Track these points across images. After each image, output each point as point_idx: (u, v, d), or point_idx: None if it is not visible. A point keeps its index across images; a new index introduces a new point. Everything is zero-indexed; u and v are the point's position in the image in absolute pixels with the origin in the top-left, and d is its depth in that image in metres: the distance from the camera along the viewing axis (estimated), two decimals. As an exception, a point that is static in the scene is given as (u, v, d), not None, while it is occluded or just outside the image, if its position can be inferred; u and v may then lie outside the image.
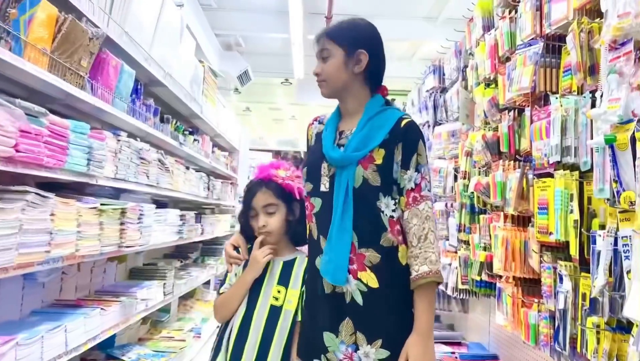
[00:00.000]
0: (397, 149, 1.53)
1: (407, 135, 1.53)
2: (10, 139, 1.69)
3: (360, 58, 1.58)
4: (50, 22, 1.99)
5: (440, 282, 1.50)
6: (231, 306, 1.71)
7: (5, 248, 1.70)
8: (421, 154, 1.53)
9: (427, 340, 1.46)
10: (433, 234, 1.50)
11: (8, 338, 1.85)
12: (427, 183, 1.53)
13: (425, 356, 1.44)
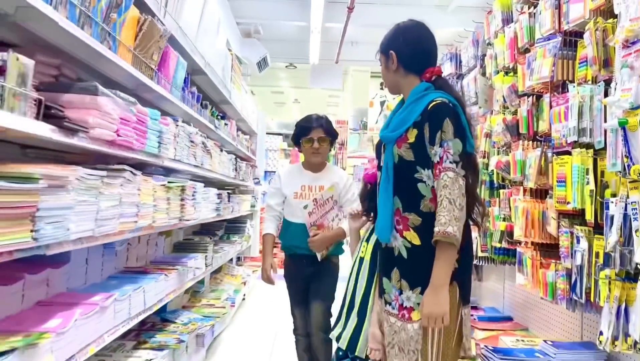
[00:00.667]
0: (425, 128, 1.81)
1: (432, 116, 1.79)
2: (114, 125, 2.00)
3: (392, 56, 1.90)
4: (134, 23, 2.28)
5: (451, 242, 1.68)
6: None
7: (110, 217, 2.01)
8: (445, 130, 1.76)
9: (438, 289, 1.71)
10: (447, 200, 1.71)
11: (109, 294, 2.19)
12: (449, 155, 1.74)
13: (435, 304, 1.70)
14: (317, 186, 2.84)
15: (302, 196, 2.83)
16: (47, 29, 1.72)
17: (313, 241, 2.73)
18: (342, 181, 2.88)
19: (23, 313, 1.91)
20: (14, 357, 1.46)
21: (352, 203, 2.77)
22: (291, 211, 2.86)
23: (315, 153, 2.84)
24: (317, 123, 2.85)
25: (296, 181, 2.87)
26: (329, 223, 2.79)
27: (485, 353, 2.50)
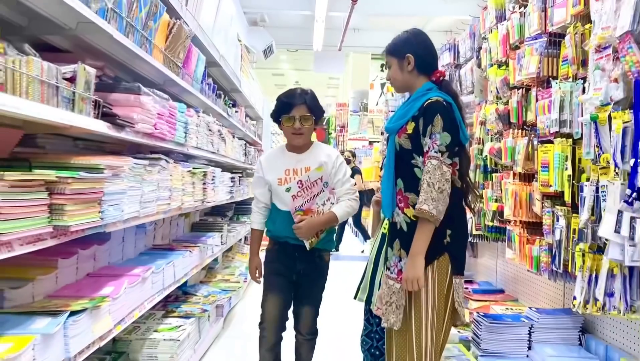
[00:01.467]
0: (420, 122, 2.11)
1: (426, 112, 2.07)
2: (152, 120, 2.29)
3: (409, 61, 2.17)
4: (165, 27, 2.56)
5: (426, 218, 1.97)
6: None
7: (150, 200, 2.32)
8: (435, 125, 2.04)
9: (414, 258, 2.02)
10: (426, 183, 2.01)
11: (147, 267, 2.51)
12: (435, 145, 2.03)
13: (411, 269, 2.02)
14: (303, 168, 2.51)
15: (286, 181, 2.50)
16: (102, 39, 2.00)
17: (298, 228, 2.43)
18: (330, 160, 2.54)
19: (78, 282, 2.22)
20: (85, 315, 1.77)
21: (344, 183, 2.55)
22: (278, 198, 2.54)
23: (296, 134, 2.50)
24: (300, 99, 2.47)
25: (279, 165, 2.54)
26: (319, 208, 2.48)
27: (477, 319, 2.82)
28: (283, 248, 2.55)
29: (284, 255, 2.55)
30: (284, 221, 2.50)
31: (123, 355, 2.63)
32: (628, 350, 2.38)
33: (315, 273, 2.58)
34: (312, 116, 2.50)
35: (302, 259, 2.53)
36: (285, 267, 2.55)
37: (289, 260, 2.54)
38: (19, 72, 1.37)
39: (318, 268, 2.59)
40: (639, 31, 1.91)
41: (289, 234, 2.47)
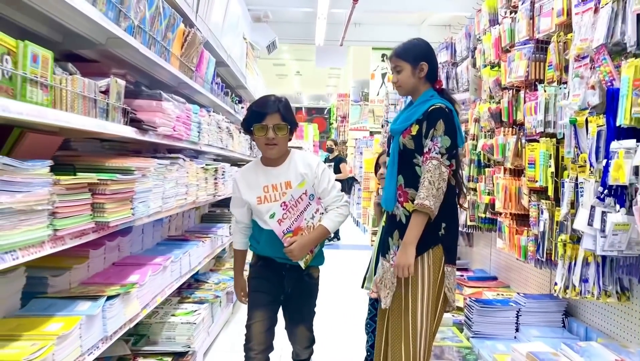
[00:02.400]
0: (423, 125, 2.34)
1: (430, 116, 2.29)
2: (172, 123, 2.51)
3: (423, 68, 2.37)
4: (181, 36, 2.77)
5: (424, 212, 2.19)
6: None
7: (171, 196, 2.54)
8: (437, 129, 2.26)
9: (407, 246, 2.22)
10: (428, 181, 2.23)
11: (167, 257, 2.74)
12: (436, 147, 2.25)
13: (403, 257, 2.22)
14: (283, 183, 2.30)
15: (267, 199, 2.28)
16: (128, 52, 2.22)
17: (290, 251, 2.25)
18: (311, 169, 2.33)
19: (106, 270, 2.46)
20: (119, 300, 2.01)
21: (331, 192, 2.36)
22: (261, 217, 2.32)
23: (270, 145, 2.24)
24: (273, 107, 2.23)
25: (256, 182, 2.31)
26: (308, 223, 2.30)
27: (469, 303, 3.06)
28: (269, 263, 2.35)
29: (270, 271, 2.36)
30: (269, 240, 2.30)
31: (144, 337, 2.87)
32: (605, 331, 2.61)
33: (305, 293, 2.42)
34: (286, 124, 2.24)
35: (290, 277, 2.36)
36: (272, 284, 2.35)
37: (275, 277, 2.36)
38: (66, 89, 1.59)
39: (308, 288, 2.42)
40: (612, 44, 2.12)
41: (276, 253, 2.31)
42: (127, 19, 2.02)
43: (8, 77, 1.30)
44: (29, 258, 1.35)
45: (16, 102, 1.29)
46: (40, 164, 1.39)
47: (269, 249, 2.32)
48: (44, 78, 1.45)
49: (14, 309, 1.78)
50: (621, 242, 2.02)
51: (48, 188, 1.41)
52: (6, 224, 1.24)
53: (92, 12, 1.73)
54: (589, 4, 2.27)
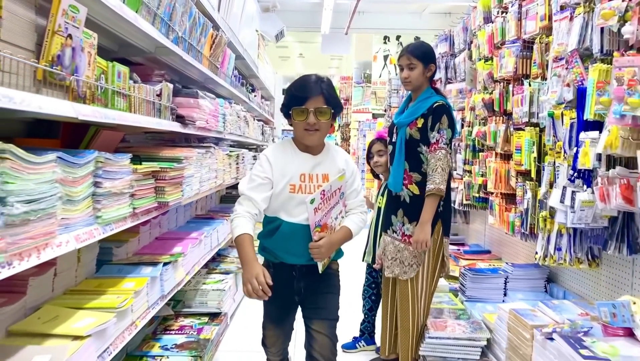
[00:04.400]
0: (429, 119, 2.73)
1: (435, 112, 2.71)
2: (205, 116, 2.90)
3: (431, 69, 2.77)
4: (210, 39, 3.14)
5: (439, 195, 2.64)
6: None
7: (205, 180, 2.94)
8: (442, 122, 2.69)
9: (424, 224, 2.64)
10: (440, 168, 2.67)
11: (201, 232, 3.16)
12: (443, 139, 2.69)
13: (421, 233, 2.64)
14: (320, 175, 2.04)
15: (301, 189, 2.00)
16: (172, 58, 2.60)
17: (318, 247, 1.96)
18: (349, 167, 2.13)
19: (151, 244, 2.88)
20: (170, 266, 2.43)
21: (359, 194, 2.18)
22: (284, 207, 2.01)
23: (310, 131, 1.99)
24: (316, 89, 1.97)
25: (293, 168, 2.02)
26: (332, 222, 2.07)
27: (463, 272, 3.48)
28: (279, 270, 2.07)
29: (280, 277, 2.03)
30: (288, 233, 2.00)
31: (180, 302, 3.30)
32: (580, 293, 3.03)
33: (324, 285, 2.12)
34: (329, 108, 1.98)
35: (301, 276, 2.09)
36: (284, 289, 2.07)
37: (286, 281, 2.08)
38: (137, 97, 1.99)
39: (326, 279, 2.12)
40: (583, 49, 2.49)
41: (292, 249, 2.02)
42: (173, 31, 2.40)
43: (102, 91, 1.70)
44: (118, 230, 1.76)
45: (111, 110, 1.69)
46: (125, 156, 1.79)
47: (284, 246, 2.02)
48: (124, 89, 1.85)
49: (92, 272, 2.21)
50: (587, 216, 2.42)
51: (130, 176, 1.82)
52: (108, 203, 1.65)
53: (151, 30, 2.12)
54: (566, 12, 2.64)
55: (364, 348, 3.35)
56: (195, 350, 2.56)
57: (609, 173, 2.22)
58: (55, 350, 1.41)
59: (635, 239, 2.37)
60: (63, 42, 1.36)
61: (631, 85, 2.01)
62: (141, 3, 1.95)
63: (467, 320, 3.02)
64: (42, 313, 1.70)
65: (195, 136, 3.34)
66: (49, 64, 1.32)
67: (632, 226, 2.39)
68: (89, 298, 1.87)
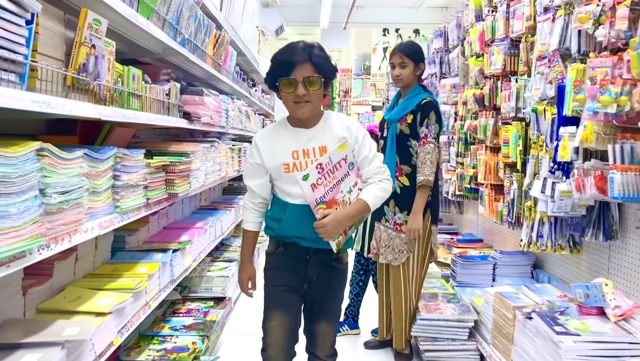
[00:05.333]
0: (418, 115, 2.92)
1: (424, 108, 2.90)
2: (210, 113, 3.08)
3: (421, 67, 2.95)
4: (213, 38, 3.31)
5: (429, 186, 2.84)
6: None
7: (210, 173, 3.12)
8: (430, 118, 2.89)
9: (417, 214, 2.85)
10: (429, 161, 2.87)
11: (206, 222, 3.34)
12: (432, 133, 2.89)
13: (413, 222, 2.85)
14: (317, 147, 1.88)
15: (297, 167, 1.86)
16: (178, 58, 2.77)
17: (323, 225, 1.80)
18: (351, 133, 1.92)
19: (160, 233, 3.06)
20: (179, 253, 2.62)
21: (372, 161, 1.94)
22: (285, 189, 1.90)
23: (299, 103, 1.82)
24: (303, 55, 1.78)
25: (282, 147, 1.89)
26: (344, 197, 1.88)
27: (454, 259, 3.67)
28: (291, 250, 1.94)
29: (293, 260, 1.94)
30: (295, 216, 1.87)
31: (187, 288, 3.49)
32: (563, 278, 3.22)
33: (334, 280, 2.00)
34: (320, 77, 1.80)
35: (315, 264, 1.95)
36: (295, 275, 1.95)
37: (299, 266, 1.95)
38: (148, 96, 2.16)
39: (336, 274, 2.01)
40: (564, 49, 2.66)
41: (302, 233, 1.89)
42: (180, 34, 2.57)
43: (119, 92, 1.88)
44: (134, 219, 1.95)
45: (127, 110, 1.87)
46: (139, 152, 1.97)
47: (293, 227, 1.89)
48: (137, 90, 2.02)
49: (107, 258, 2.39)
50: (566, 205, 2.61)
51: (144, 169, 2.00)
52: (125, 194, 1.83)
53: (161, 34, 2.29)
54: (548, 14, 2.81)
55: (348, 332, 3.55)
56: (202, 331, 2.75)
57: (584, 165, 2.40)
58: (83, 324, 1.60)
59: (611, 227, 2.56)
60: (88, 52, 1.54)
61: (603, 84, 2.18)
62: (152, 10, 2.12)
63: (457, 303, 3.22)
64: (66, 294, 1.89)
65: (200, 131, 3.51)
66: (76, 72, 1.50)
67: (608, 214, 2.58)
68: (107, 281, 2.06)
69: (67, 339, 1.48)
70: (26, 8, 1.22)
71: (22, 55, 1.22)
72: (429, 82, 5.46)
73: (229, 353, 3.10)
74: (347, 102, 17.17)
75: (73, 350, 1.51)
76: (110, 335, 1.75)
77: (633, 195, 2.10)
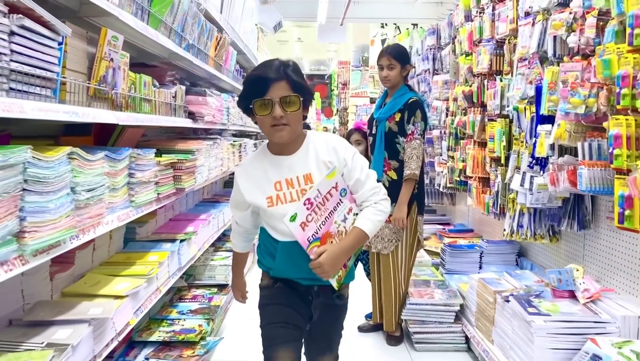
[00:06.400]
0: (405, 113, 3.13)
1: (410, 107, 3.12)
2: (212, 112, 3.28)
3: (407, 69, 3.15)
4: (215, 41, 3.50)
5: (415, 179, 3.08)
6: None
7: (213, 168, 3.33)
8: (417, 116, 3.11)
9: (401, 205, 3.06)
10: (415, 156, 3.10)
11: (209, 214, 3.56)
12: (418, 130, 3.11)
13: (398, 212, 3.06)
14: (302, 176, 1.70)
15: (280, 200, 1.69)
16: (185, 63, 2.97)
17: (319, 265, 1.64)
18: (338, 155, 1.73)
19: (166, 224, 3.28)
20: (186, 242, 2.83)
21: (366, 182, 1.76)
22: (272, 224, 1.74)
23: (277, 126, 1.64)
24: (277, 74, 1.63)
25: (263, 179, 1.72)
26: (339, 227, 1.71)
27: (444, 248, 3.89)
28: (292, 287, 1.80)
29: (292, 295, 1.79)
30: (288, 257, 1.72)
31: (191, 276, 3.71)
32: (545, 265, 3.44)
33: (334, 317, 1.89)
34: (298, 96, 1.64)
35: (317, 304, 1.82)
36: (296, 312, 1.79)
37: (299, 304, 1.80)
38: (157, 100, 2.37)
39: (337, 311, 1.88)
40: (542, 52, 2.86)
41: (301, 273, 1.73)
42: (185, 40, 2.77)
43: (132, 98, 2.08)
44: (146, 212, 2.16)
45: (140, 114, 2.07)
46: (150, 151, 2.18)
47: (290, 268, 1.74)
48: (148, 95, 2.23)
49: (120, 248, 2.61)
50: (543, 198, 2.82)
51: (155, 167, 2.21)
52: (139, 190, 2.04)
53: (168, 42, 2.49)
54: (529, 19, 3.00)
55: None
56: (207, 314, 2.97)
57: (558, 161, 2.61)
58: (104, 305, 1.82)
59: (584, 217, 2.77)
60: (107, 65, 1.74)
61: (573, 87, 2.38)
62: (160, 21, 2.31)
63: (445, 289, 3.44)
64: (87, 279, 2.11)
65: (203, 129, 3.71)
66: (97, 83, 1.71)
67: (582, 205, 2.79)
68: (122, 268, 2.28)
69: (93, 317, 1.70)
70: (59, 32, 1.42)
71: (56, 73, 1.43)
72: (423, 77, 5.66)
73: (232, 335, 3.33)
74: (346, 95, 17.36)
75: (97, 326, 1.72)
76: (127, 315, 1.97)
77: (599, 188, 2.31)
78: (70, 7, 1.72)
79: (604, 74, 2.15)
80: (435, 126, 5.13)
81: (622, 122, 2.05)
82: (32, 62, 1.30)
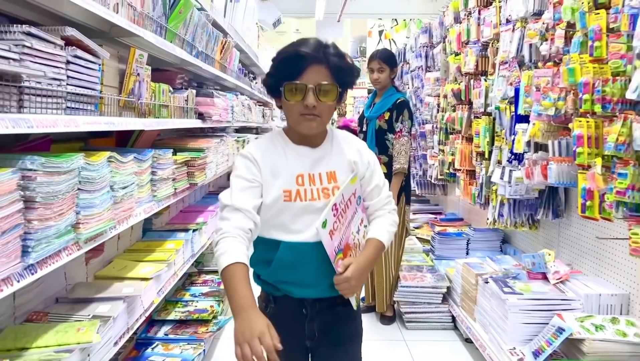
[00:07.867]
0: (394, 112, 3.42)
1: (398, 107, 3.43)
2: (219, 112, 3.56)
3: (395, 71, 3.44)
4: (220, 44, 3.77)
5: (403, 173, 3.39)
6: None
7: (220, 164, 3.62)
8: (404, 115, 3.42)
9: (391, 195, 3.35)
10: (404, 151, 3.40)
11: (216, 205, 3.84)
12: (405, 128, 3.42)
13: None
14: (325, 173, 1.50)
15: (300, 196, 1.46)
16: (194, 68, 3.24)
17: (347, 280, 1.41)
18: (362, 157, 1.58)
19: (178, 215, 3.57)
20: (197, 232, 3.13)
21: (382, 191, 1.63)
22: (280, 223, 1.47)
23: (307, 116, 1.43)
24: (316, 56, 1.41)
25: (286, 168, 1.48)
26: (355, 239, 1.53)
27: (433, 236, 4.19)
28: (283, 306, 1.54)
29: (287, 318, 1.51)
30: (290, 257, 1.46)
31: (200, 263, 4.01)
32: (526, 251, 3.74)
33: (346, 330, 1.59)
34: (336, 86, 1.43)
35: (315, 315, 1.54)
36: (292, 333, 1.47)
37: (294, 324, 1.54)
38: (173, 105, 2.65)
39: (348, 321, 1.59)
40: (520, 57, 3.14)
41: (298, 278, 1.49)
42: (195, 48, 3.04)
43: (152, 105, 2.36)
44: (165, 205, 2.45)
45: (160, 119, 2.36)
46: (168, 151, 2.46)
47: (286, 271, 1.48)
48: (165, 102, 2.51)
49: (139, 237, 2.91)
50: (521, 189, 3.11)
51: (172, 165, 2.49)
52: (160, 186, 2.33)
53: (181, 52, 2.76)
54: (509, 25, 3.28)
55: None
56: (217, 297, 3.27)
57: (533, 156, 2.90)
58: (134, 285, 2.12)
59: (558, 207, 3.08)
60: (135, 79, 2.02)
61: (545, 91, 2.67)
62: (175, 35, 2.59)
63: (434, 273, 3.74)
64: (115, 264, 2.41)
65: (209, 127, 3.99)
66: (127, 95, 1.99)
67: (556, 197, 3.09)
68: (144, 255, 2.57)
69: (126, 295, 2.00)
70: (99, 56, 1.70)
71: (97, 90, 1.71)
72: (416, 74, 5.93)
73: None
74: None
75: (130, 303, 2.02)
76: (152, 295, 2.26)
77: (566, 181, 2.61)
78: (102, 29, 1.99)
79: (569, 81, 2.43)
80: (427, 120, 5.42)
81: (584, 124, 2.34)
82: (81, 84, 1.59)
